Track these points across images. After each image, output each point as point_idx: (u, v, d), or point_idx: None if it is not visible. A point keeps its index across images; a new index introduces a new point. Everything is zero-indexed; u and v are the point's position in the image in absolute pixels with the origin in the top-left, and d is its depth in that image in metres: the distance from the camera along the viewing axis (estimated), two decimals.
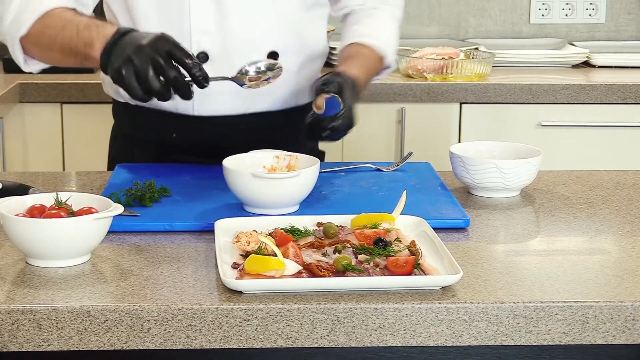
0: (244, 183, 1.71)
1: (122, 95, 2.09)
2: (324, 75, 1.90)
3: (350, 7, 2.19)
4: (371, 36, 2.10)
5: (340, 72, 1.91)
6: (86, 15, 1.92)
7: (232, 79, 1.80)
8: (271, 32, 2.02)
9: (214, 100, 2.02)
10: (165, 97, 1.70)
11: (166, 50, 1.68)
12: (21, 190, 1.80)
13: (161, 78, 1.68)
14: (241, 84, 1.80)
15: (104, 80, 2.14)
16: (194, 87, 1.71)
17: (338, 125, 1.82)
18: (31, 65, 1.97)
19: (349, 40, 2.11)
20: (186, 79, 1.70)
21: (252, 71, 1.80)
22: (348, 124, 1.84)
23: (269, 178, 1.71)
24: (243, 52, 1.99)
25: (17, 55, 1.94)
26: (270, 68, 1.81)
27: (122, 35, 1.75)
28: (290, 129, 2.12)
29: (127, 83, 1.69)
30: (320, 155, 2.24)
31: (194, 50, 1.98)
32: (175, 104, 2.02)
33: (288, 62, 2.04)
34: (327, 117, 1.82)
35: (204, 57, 1.99)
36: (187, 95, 1.70)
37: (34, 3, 1.90)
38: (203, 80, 1.70)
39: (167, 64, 1.68)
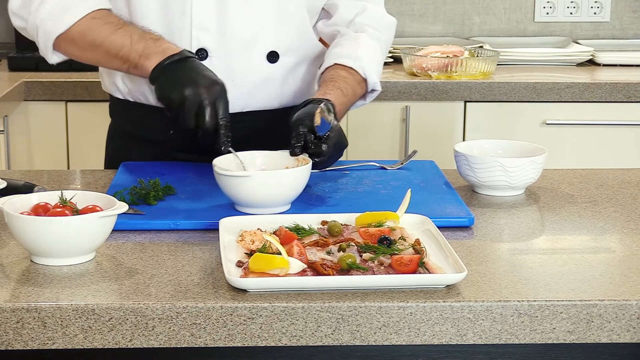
0: (220, 182, 1.72)
1: (121, 91, 2.09)
2: (300, 109, 1.85)
3: (336, 27, 2.12)
4: (351, 57, 2.03)
5: (314, 101, 1.87)
6: (134, 25, 1.95)
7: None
8: (271, 31, 2.02)
9: None
10: (189, 137, 1.83)
11: (213, 101, 1.78)
12: (26, 188, 1.80)
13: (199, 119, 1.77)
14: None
15: (103, 76, 2.15)
16: None
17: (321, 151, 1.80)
18: (54, 57, 1.99)
19: (328, 62, 2.04)
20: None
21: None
22: (331, 153, 1.82)
23: (228, 176, 1.71)
24: (242, 50, 1.99)
25: (47, 49, 1.96)
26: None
27: (185, 59, 1.83)
28: (289, 127, 2.12)
29: (171, 106, 1.79)
30: None
31: (193, 46, 1.98)
32: None
33: (287, 61, 2.04)
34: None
35: (203, 53, 1.99)
36: (208, 144, 1.80)
37: (75, 3, 1.92)
38: (225, 143, 1.79)
39: (211, 113, 1.78)
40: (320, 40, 2.16)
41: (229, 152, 1.79)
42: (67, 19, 1.91)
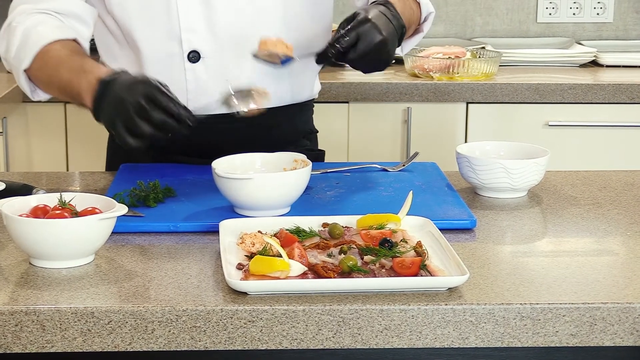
0: (220, 185, 1.72)
1: None
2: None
3: None
4: None
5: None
6: (80, 54, 1.90)
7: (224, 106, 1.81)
8: (264, 26, 2.00)
9: (208, 99, 2.01)
10: (160, 138, 1.68)
11: (145, 94, 1.66)
12: (25, 190, 1.80)
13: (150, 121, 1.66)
14: (232, 109, 1.82)
15: None
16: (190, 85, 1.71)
17: (347, 43, 1.75)
18: (40, 94, 1.98)
19: None
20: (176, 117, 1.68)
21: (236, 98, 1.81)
22: (370, 46, 1.76)
23: (228, 178, 1.70)
24: (234, 48, 1.98)
25: (24, 86, 1.95)
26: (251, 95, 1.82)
27: (105, 86, 1.73)
28: (288, 126, 2.12)
29: (122, 140, 1.69)
30: (320, 154, 2.24)
31: (184, 49, 1.98)
32: None
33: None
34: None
35: (195, 56, 1.99)
36: (181, 132, 1.69)
37: (34, 37, 1.91)
38: (188, 120, 1.68)
39: (151, 107, 1.66)
40: None
41: (196, 122, 1.70)
42: (25, 53, 1.90)
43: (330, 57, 1.77)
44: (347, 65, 1.81)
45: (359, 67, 1.81)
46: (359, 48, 1.77)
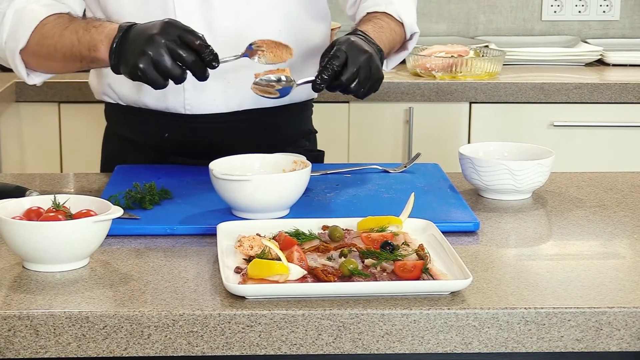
0: (217, 186, 1.72)
1: (112, 98, 2.09)
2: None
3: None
4: (382, 3, 2.05)
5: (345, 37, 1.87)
6: (82, 18, 1.94)
7: (243, 55, 1.83)
8: (262, 23, 2.01)
9: (205, 98, 2.01)
10: (182, 80, 1.75)
11: (178, 35, 1.73)
12: (18, 192, 1.80)
13: (178, 63, 1.72)
14: (251, 58, 1.84)
15: (92, 86, 2.15)
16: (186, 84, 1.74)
17: (332, 65, 1.79)
18: (34, 78, 1.99)
19: (360, 16, 2.07)
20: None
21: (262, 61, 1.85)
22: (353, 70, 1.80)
23: (226, 180, 1.71)
24: (232, 45, 1.98)
25: (20, 69, 1.95)
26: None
27: (126, 31, 1.78)
28: (287, 127, 2.12)
29: (148, 76, 1.73)
30: (319, 155, 2.24)
31: None
32: (166, 103, 2.02)
33: None
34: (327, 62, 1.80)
35: None
36: (203, 76, 1.76)
37: (28, 15, 1.92)
38: (213, 60, 1.75)
39: (183, 49, 1.72)
40: None
41: (217, 64, 1.76)
42: (22, 32, 1.91)
43: (326, 79, 1.79)
44: (341, 92, 1.84)
45: (353, 88, 1.83)
46: (349, 68, 1.79)
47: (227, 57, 1.81)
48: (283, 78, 1.83)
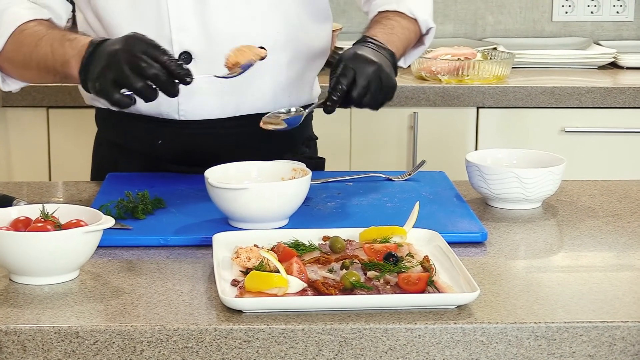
0: (213, 195, 1.73)
1: (102, 102, 2.10)
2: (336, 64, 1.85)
3: None
4: (392, 2, 2.04)
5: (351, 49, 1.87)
6: (59, 29, 1.94)
7: (217, 77, 1.82)
8: (260, 23, 2.01)
9: (199, 103, 2.01)
10: (150, 97, 1.71)
11: (141, 50, 1.71)
12: (5, 201, 1.80)
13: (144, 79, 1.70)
14: (222, 76, 1.83)
15: (82, 91, 2.15)
16: (180, 86, 1.72)
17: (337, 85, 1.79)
18: (10, 84, 2.00)
19: (372, 15, 2.07)
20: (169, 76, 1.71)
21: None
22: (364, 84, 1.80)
23: (222, 189, 1.71)
24: (228, 47, 1.98)
25: None
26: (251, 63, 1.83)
27: (95, 47, 1.78)
28: (287, 133, 2.12)
29: (106, 92, 1.72)
30: (320, 162, 2.24)
31: (175, 51, 1.98)
32: (159, 108, 2.02)
33: (278, 58, 2.03)
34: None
35: (187, 57, 1.99)
36: (172, 91, 1.72)
37: (7, 18, 1.93)
38: (185, 76, 1.71)
39: (144, 62, 1.70)
40: None
41: (190, 80, 1.72)
42: (0, 34, 1.92)
43: (336, 100, 1.80)
44: (354, 107, 1.84)
45: (366, 102, 1.83)
46: (359, 82, 1.80)
47: (203, 75, 1.80)
48: (292, 110, 1.85)
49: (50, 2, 1.99)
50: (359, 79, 1.80)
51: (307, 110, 1.86)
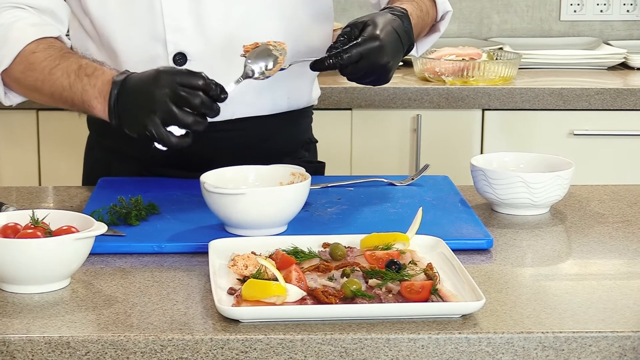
0: (209, 201, 1.73)
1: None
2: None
3: None
4: None
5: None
6: (72, 53, 1.92)
7: (244, 78, 1.81)
8: (257, 22, 2.01)
9: None
10: (201, 128, 1.72)
11: (177, 82, 1.71)
12: None
13: (187, 110, 1.70)
14: (256, 78, 1.82)
15: None
16: None
17: (348, 57, 1.79)
18: (12, 99, 1.99)
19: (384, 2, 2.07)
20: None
21: (257, 71, 1.82)
22: (370, 60, 1.80)
23: (218, 194, 1.71)
24: (224, 49, 1.98)
25: None
26: (272, 53, 1.82)
27: (121, 85, 1.77)
28: (285, 136, 2.12)
29: (161, 137, 1.71)
30: (319, 166, 2.24)
31: (170, 52, 1.98)
32: None
33: None
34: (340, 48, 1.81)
35: (181, 58, 1.99)
36: (215, 112, 1.73)
37: (14, 34, 1.91)
38: (221, 93, 1.73)
39: (187, 93, 1.70)
40: None
41: (225, 96, 1.74)
42: (6, 52, 1.91)
43: (326, 66, 1.80)
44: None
45: (352, 80, 1.84)
46: (360, 66, 1.80)
47: (230, 84, 1.79)
48: (270, 66, 1.83)
49: (53, 6, 1.99)
50: (363, 63, 1.79)
51: (289, 64, 1.86)
